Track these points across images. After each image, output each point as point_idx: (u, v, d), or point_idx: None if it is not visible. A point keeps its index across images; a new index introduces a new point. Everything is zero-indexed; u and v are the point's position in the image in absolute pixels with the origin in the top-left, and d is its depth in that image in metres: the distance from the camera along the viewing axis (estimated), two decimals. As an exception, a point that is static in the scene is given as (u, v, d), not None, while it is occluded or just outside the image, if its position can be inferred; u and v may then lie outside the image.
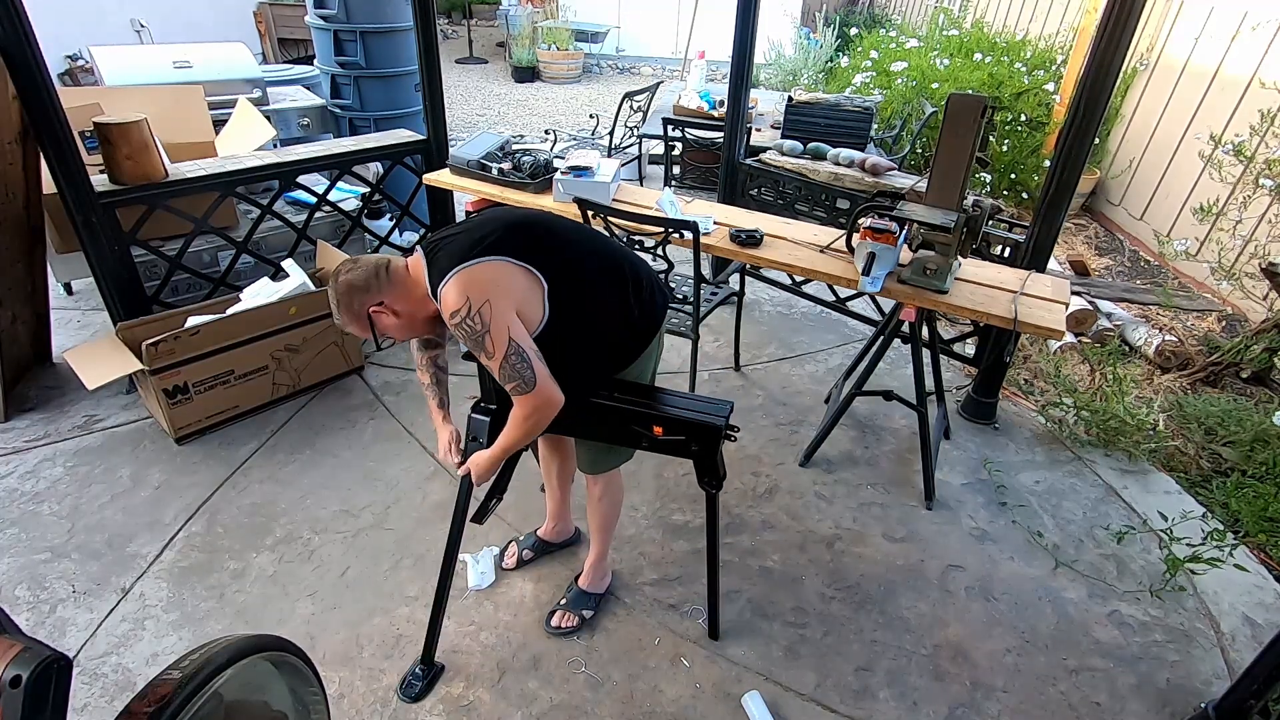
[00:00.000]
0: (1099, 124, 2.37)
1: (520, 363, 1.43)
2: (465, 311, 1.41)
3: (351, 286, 1.53)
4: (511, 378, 1.45)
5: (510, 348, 1.42)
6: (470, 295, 1.41)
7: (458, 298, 1.42)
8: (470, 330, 1.42)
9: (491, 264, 1.45)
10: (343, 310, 1.55)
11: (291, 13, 8.40)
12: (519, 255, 1.48)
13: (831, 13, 9.63)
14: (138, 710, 0.84)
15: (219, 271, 3.10)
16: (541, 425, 1.54)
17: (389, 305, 1.55)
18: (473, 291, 1.41)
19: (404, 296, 1.56)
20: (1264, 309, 3.71)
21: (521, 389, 1.46)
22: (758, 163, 3.58)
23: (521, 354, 1.43)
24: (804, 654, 1.99)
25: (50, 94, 2.30)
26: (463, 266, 1.43)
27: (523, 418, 1.52)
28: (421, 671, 1.86)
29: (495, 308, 1.41)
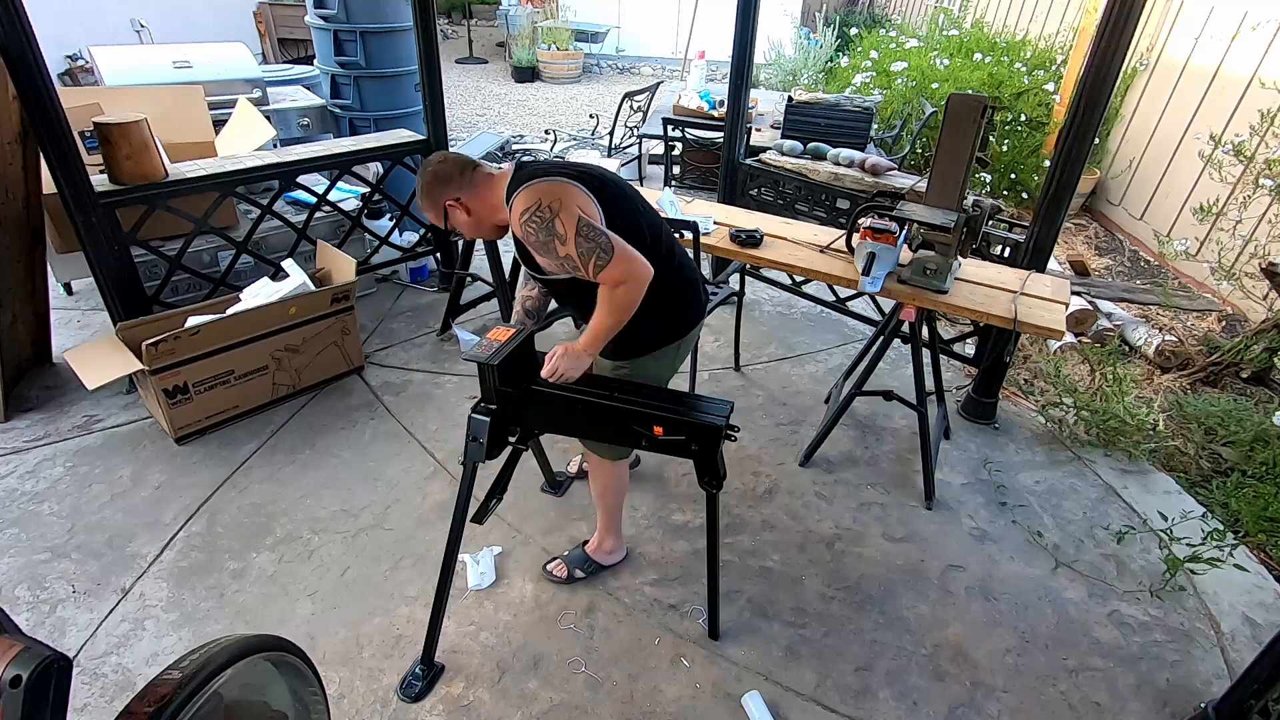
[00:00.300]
0: (1099, 124, 2.37)
1: (593, 233, 1.51)
2: (535, 206, 1.52)
3: (437, 177, 1.67)
4: (590, 252, 1.51)
5: (581, 222, 1.51)
6: (541, 197, 1.53)
7: (530, 199, 1.53)
8: (540, 221, 1.51)
9: (567, 184, 1.56)
10: (424, 197, 1.69)
11: (291, 13, 8.40)
12: (593, 192, 1.58)
13: (831, 13, 9.63)
14: (138, 710, 0.84)
15: (219, 271, 3.10)
16: (633, 297, 1.57)
17: (465, 203, 1.67)
18: (544, 195, 1.53)
19: (480, 199, 1.68)
20: (1264, 309, 3.71)
21: (602, 259, 1.52)
22: (758, 163, 3.58)
23: (593, 227, 1.52)
24: (804, 654, 1.99)
25: (50, 94, 2.30)
26: (541, 180, 1.55)
27: (611, 293, 1.57)
28: (421, 671, 1.86)
29: (564, 201, 1.52)
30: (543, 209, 1.53)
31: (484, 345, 1.69)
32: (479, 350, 1.68)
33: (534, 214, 1.53)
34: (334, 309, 2.90)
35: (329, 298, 2.87)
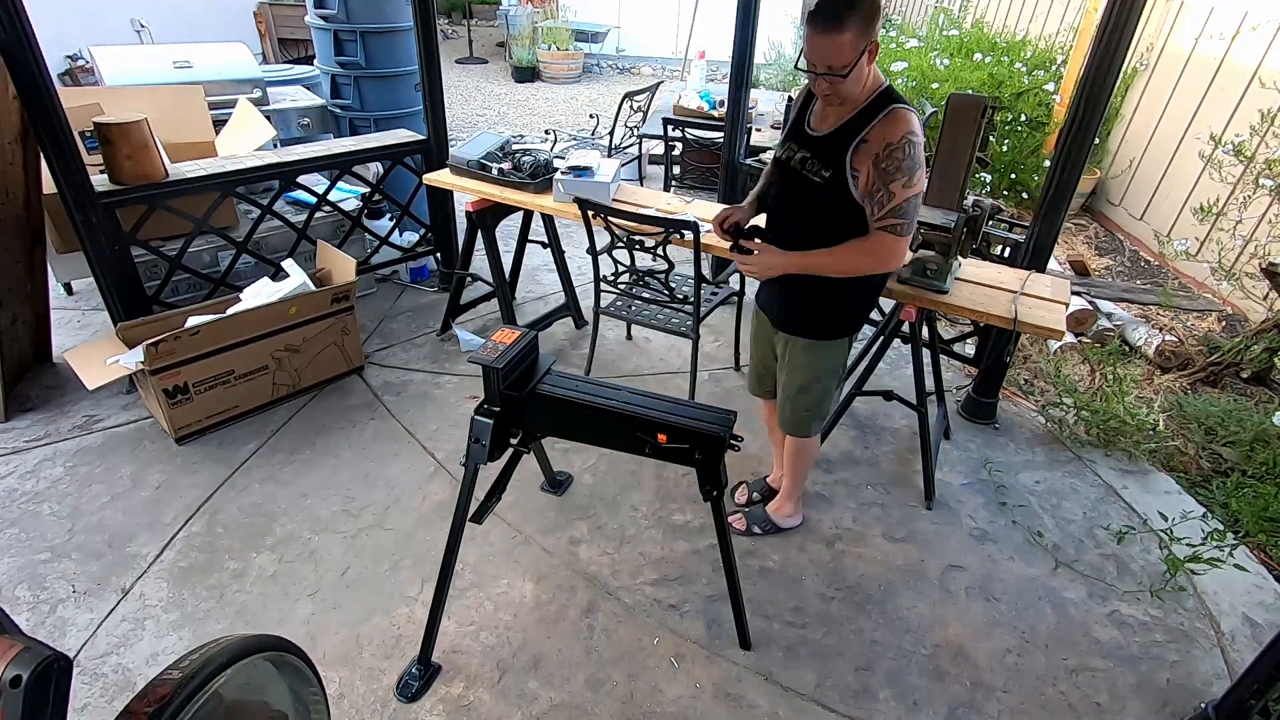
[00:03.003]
0: (1099, 124, 2.37)
1: (912, 209, 1.61)
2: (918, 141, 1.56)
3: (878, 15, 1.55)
4: (907, 214, 1.61)
5: (918, 193, 1.60)
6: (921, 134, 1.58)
7: (916, 126, 1.57)
8: (910, 155, 1.55)
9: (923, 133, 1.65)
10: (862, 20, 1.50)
11: (291, 13, 8.40)
12: None
13: (831, 13, 9.61)
14: (138, 710, 0.84)
15: (219, 271, 3.10)
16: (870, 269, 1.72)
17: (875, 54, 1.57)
18: (916, 139, 1.57)
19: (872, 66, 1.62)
20: (1264, 309, 3.71)
21: (904, 230, 1.62)
22: (758, 163, 3.57)
23: (917, 205, 1.63)
24: (804, 654, 1.99)
25: (50, 94, 2.30)
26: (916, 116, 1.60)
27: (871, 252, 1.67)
28: (419, 671, 1.86)
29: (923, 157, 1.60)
30: (918, 148, 1.55)
31: (489, 348, 1.69)
32: (484, 353, 1.68)
33: (913, 143, 1.56)
34: (334, 309, 2.90)
35: (329, 298, 2.87)
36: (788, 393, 2.03)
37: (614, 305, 2.96)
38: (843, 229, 1.71)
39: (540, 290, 3.96)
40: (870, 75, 1.61)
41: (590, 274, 2.84)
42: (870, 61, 1.56)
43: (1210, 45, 4.52)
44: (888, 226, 1.62)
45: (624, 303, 2.96)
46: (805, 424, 2.07)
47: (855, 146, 1.62)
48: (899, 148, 1.57)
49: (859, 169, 1.63)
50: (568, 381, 1.78)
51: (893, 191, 1.58)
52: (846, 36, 1.50)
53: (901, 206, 1.60)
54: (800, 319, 1.93)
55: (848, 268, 1.72)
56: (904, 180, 1.57)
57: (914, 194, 1.59)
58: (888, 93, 1.62)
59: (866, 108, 1.62)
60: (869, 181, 1.62)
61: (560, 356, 3.36)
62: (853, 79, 1.56)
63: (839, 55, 1.51)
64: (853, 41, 1.50)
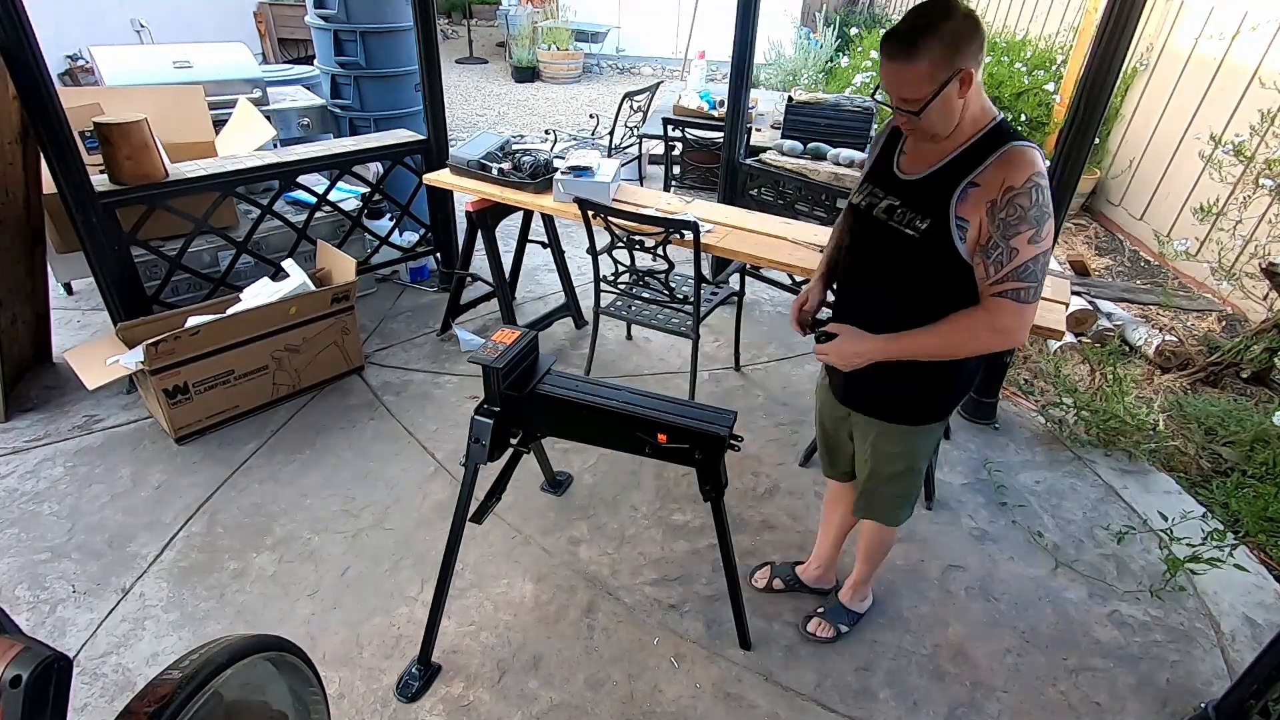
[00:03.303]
0: (1099, 124, 2.37)
1: (1040, 269, 1.31)
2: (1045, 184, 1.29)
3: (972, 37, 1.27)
4: (1034, 276, 1.30)
5: (1047, 249, 1.31)
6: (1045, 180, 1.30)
7: (1041, 167, 1.30)
8: (1037, 202, 1.27)
9: None
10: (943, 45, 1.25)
11: (291, 13, 8.40)
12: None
13: (831, 13, 9.62)
14: (138, 710, 0.84)
15: (219, 271, 3.10)
16: (989, 349, 1.39)
17: (971, 83, 1.29)
18: (1044, 182, 1.30)
19: (976, 97, 1.34)
20: (1264, 309, 3.71)
21: (1029, 295, 1.31)
22: (758, 163, 3.58)
23: (1047, 263, 1.33)
24: (803, 654, 1.99)
25: (50, 94, 2.30)
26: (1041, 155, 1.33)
27: (994, 329, 1.34)
28: (419, 671, 1.86)
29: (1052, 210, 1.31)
30: (1043, 193, 1.28)
31: (489, 348, 1.69)
32: (484, 353, 1.68)
33: (1040, 187, 1.28)
34: (334, 309, 2.90)
35: (329, 298, 2.87)
36: (875, 482, 1.73)
37: (614, 305, 2.96)
38: (943, 296, 1.39)
39: (540, 290, 3.96)
40: (969, 107, 1.33)
41: (590, 274, 2.84)
42: (964, 93, 1.29)
43: (1210, 45, 4.52)
44: (1009, 292, 1.30)
45: (624, 303, 2.96)
46: (894, 513, 1.78)
47: (963, 191, 1.33)
48: (1024, 193, 1.27)
49: (968, 219, 1.33)
50: (568, 381, 1.78)
51: (1015, 248, 1.28)
52: (922, 66, 1.26)
53: (1027, 266, 1.29)
54: (889, 405, 1.61)
55: (959, 348, 1.40)
56: (1030, 233, 1.27)
57: (1042, 250, 1.30)
58: (1000, 128, 1.35)
59: (974, 145, 1.34)
60: (982, 235, 1.32)
61: (560, 356, 3.36)
62: (936, 114, 1.31)
63: (912, 87, 1.29)
64: (929, 72, 1.26)
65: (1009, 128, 1.36)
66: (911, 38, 1.26)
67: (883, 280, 1.48)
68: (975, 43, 1.27)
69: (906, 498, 1.75)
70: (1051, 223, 1.30)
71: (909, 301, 1.44)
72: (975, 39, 1.27)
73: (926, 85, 1.28)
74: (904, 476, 1.70)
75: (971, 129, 1.35)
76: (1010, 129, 1.36)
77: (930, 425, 1.62)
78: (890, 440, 1.64)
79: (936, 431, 1.67)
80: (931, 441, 1.69)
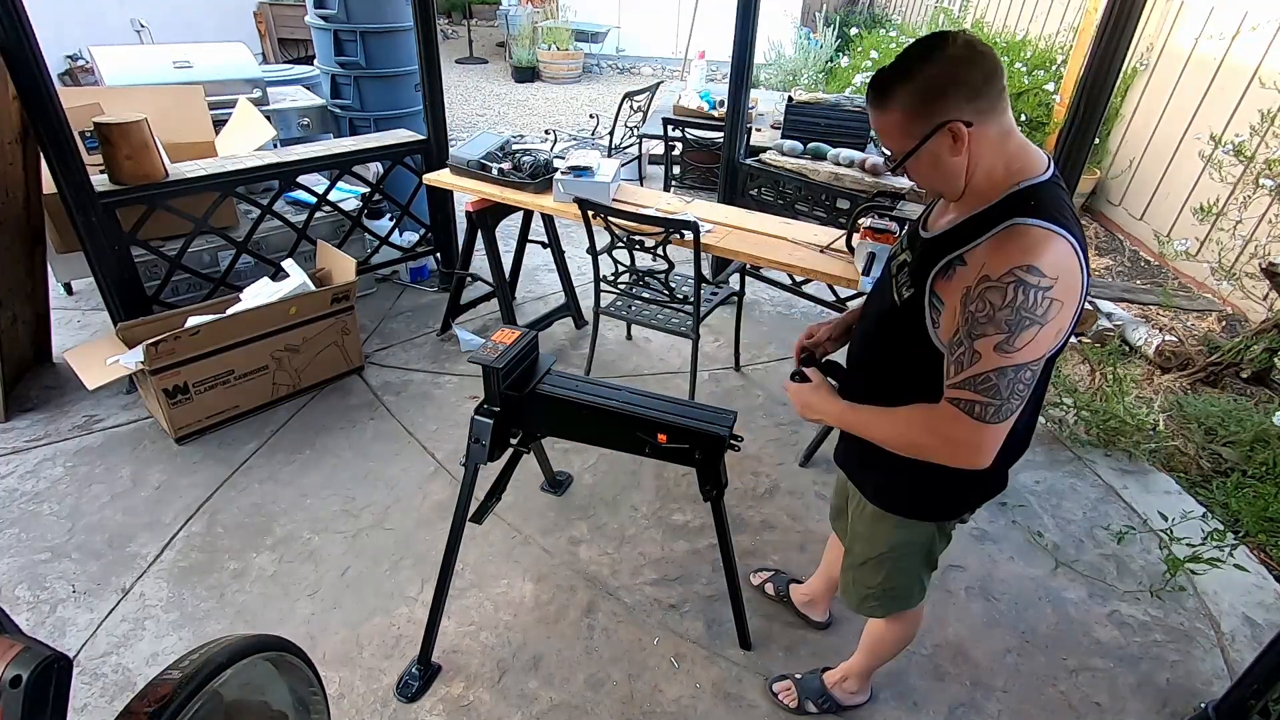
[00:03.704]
0: (1099, 124, 2.37)
1: (1026, 386, 1.05)
2: (1043, 284, 1.00)
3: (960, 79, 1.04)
4: (995, 393, 1.03)
5: (1037, 364, 1.04)
6: (1060, 275, 1.00)
7: (1049, 258, 1.00)
8: (1024, 302, 1.00)
9: (1082, 275, 1.04)
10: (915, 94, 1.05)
11: (291, 13, 8.40)
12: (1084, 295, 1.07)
13: (831, 13, 9.62)
14: (138, 710, 0.84)
15: (219, 271, 3.10)
16: (937, 458, 1.13)
17: (973, 135, 1.05)
18: (1062, 274, 1.01)
19: (986, 152, 1.08)
20: (1264, 309, 3.71)
21: (987, 413, 1.05)
22: (758, 163, 3.58)
23: (1033, 380, 1.06)
24: (803, 654, 1.99)
25: (50, 94, 2.30)
26: (1072, 239, 1.03)
27: (937, 434, 1.11)
28: (419, 671, 1.86)
29: (1061, 313, 1.02)
30: (1039, 292, 1.00)
31: (489, 348, 1.69)
32: (484, 353, 1.68)
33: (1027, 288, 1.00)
34: (334, 309, 2.90)
35: (329, 298, 2.87)
36: (850, 560, 1.55)
37: (614, 305, 2.96)
38: (912, 379, 1.18)
39: (540, 290, 3.96)
40: (980, 165, 1.08)
41: (590, 274, 2.84)
42: (959, 149, 1.06)
43: (1210, 45, 4.52)
44: (962, 402, 1.06)
45: (624, 303, 2.96)
46: (866, 604, 1.55)
47: (948, 265, 1.10)
48: (997, 287, 1.01)
49: (944, 300, 1.10)
50: (568, 381, 1.78)
51: (978, 352, 1.03)
52: (894, 116, 1.08)
53: (988, 378, 1.03)
54: (870, 479, 1.41)
55: (901, 442, 1.17)
56: (998, 339, 1.01)
57: (1011, 364, 1.02)
58: (1017, 196, 1.07)
59: (987, 212, 1.09)
60: (952, 325, 1.09)
61: (560, 356, 3.36)
62: (924, 172, 1.12)
63: (889, 138, 1.11)
64: (902, 123, 1.07)
65: (1032, 196, 1.06)
66: (886, 82, 1.07)
67: (870, 341, 1.33)
68: (967, 88, 1.03)
69: (882, 593, 1.51)
70: (1037, 331, 1.01)
71: (885, 372, 1.27)
72: (969, 84, 1.03)
73: (902, 138, 1.09)
74: (876, 567, 1.47)
75: (991, 191, 1.09)
76: (1033, 198, 1.06)
77: (912, 521, 1.38)
78: (864, 520, 1.46)
79: (921, 531, 1.41)
80: (914, 540, 1.42)
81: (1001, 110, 1.07)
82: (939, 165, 1.09)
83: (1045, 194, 1.07)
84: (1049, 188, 1.08)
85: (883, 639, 1.67)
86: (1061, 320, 1.02)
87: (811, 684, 1.85)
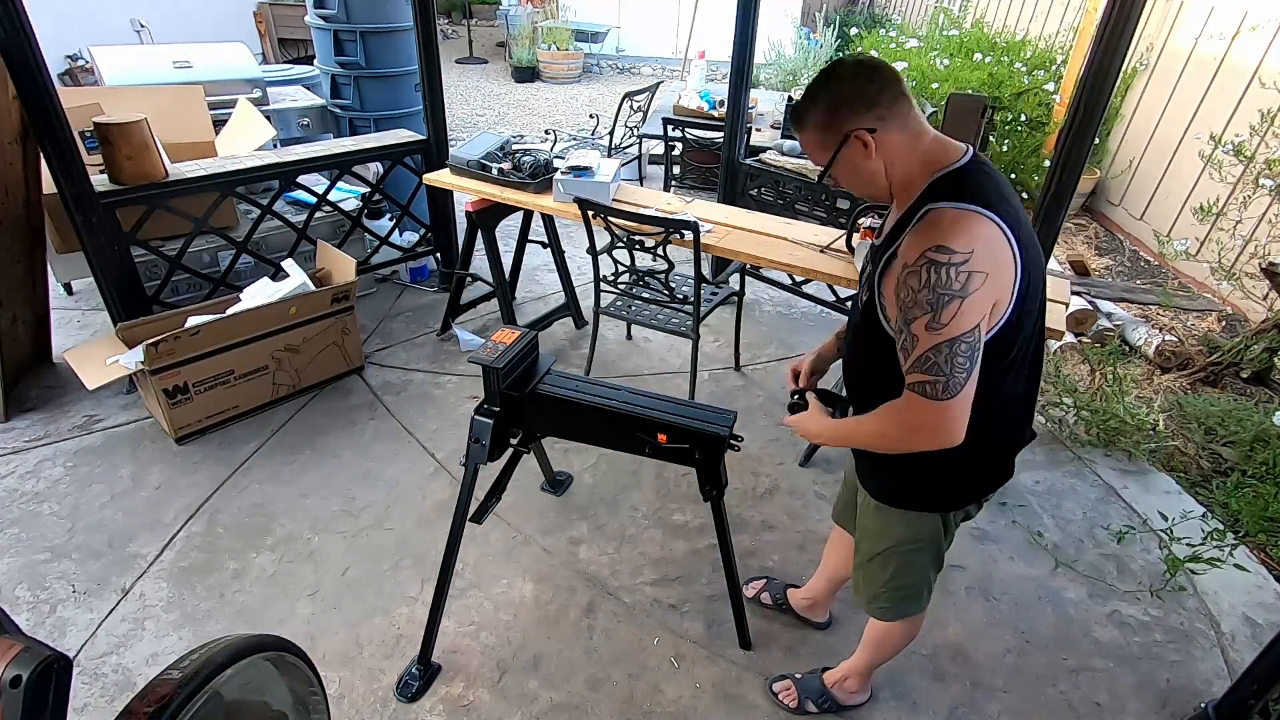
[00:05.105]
0: (1099, 124, 2.37)
1: (966, 358, 1.08)
2: (955, 259, 1.06)
3: (856, 93, 1.16)
4: (938, 370, 1.09)
5: (971, 334, 1.08)
6: (975, 246, 1.06)
7: (960, 235, 1.07)
8: (939, 280, 1.06)
9: (1010, 244, 1.09)
10: (821, 111, 1.19)
11: (291, 13, 8.39)
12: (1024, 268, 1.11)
13: (831, 13, 9.62)
14: (138, 710, 0.84)
15: (219, 271, 3.10)
16: (910, 448, 1.18)
17: (879, 140, 1.16)
18: (978, 246, 1.07)
19: (898, 152, 1.18)
20: (1264, 309, 3.71)
21: (936, 390, 1.09)
22: (758, 163, 3.58)
23: (975, 349, 1.09)
24: (803, 654, 1.99)
25: (50, 94, 2.30)
26: (987, 213, 1.08)
27: (903, 424, 1.16)
28: (419, 671, 1.86)
29: (983, 289, 1.07)
30: (956, 269, 1.06)
31: (489, 348, 1.69)
32: (484, 353, 1.68)
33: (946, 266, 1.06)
34: (334, 309, 2.90)
35: (329, 298, 2.87)
36: (860, 558, 1.57)
37: (614, 305, 2.96)
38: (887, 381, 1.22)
39: (540, 290, 3.96)
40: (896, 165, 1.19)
41: (590, 274, 2.84)
42: (870, 154, 1.17)
43: (1210, 45, 4.52)
44: (915, 385, 1.12)
45: (624, 303, 2.96)
46: (876, 603, 1.58)
47: (888, 262, 1.17)
48: (914, 271, 1.09)
49: (887, 296, 1.18)
50: (568, 381, 1.78)
51: (915, 334, 1.10)
52: (810, 135, 1.22)
53: (927, 357, 1.09)
54: (872, 473, 1.45)
55: (882, 441, 1.24)
56: (926, 318, 1.08)
57: (944, 339, 1.07)
58: (937, 185, 1.15)
59: (912, 206, 1.17)
60: (895, 316, 1.16)
61: (560, 356, 3.36)
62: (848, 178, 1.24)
63: (813, 154, 1.24)
64: (818, 140, 1.21)
65: (945, 183, 1.14)
66: (799, 110, 1.22)
67: (853, 352, 1.39)
68: (865, 100, 1.15)
69: (891, 590, 1.53)
70: (960, 304, 1.06)
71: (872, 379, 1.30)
72: (864, 97, 1.15)
73: (821, 152, 1.22)
74: (886, 562, 1.50)
75: (914, 187, 1.18)
76: (946, 184, 1.14)
77: (916, 513, 1.42)
78: (870, 515, 1.49)
79: (927, 526, 1.43)
80: (921, 535, 1.44)
81: (904, 113, 1.17)
82: (858, 170, 1.21)
83: (959, 178, 1.15)
84: (964, 172, 1.16)
85: (888, 634, 1.67)
86: (992, 289, 1.08)
87: (811, 684, 1.86)
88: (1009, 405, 1.27)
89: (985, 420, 1.17)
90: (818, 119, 1.20)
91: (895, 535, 1.46)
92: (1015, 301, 1.12)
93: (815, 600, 2.05)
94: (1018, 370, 1.24)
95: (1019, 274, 1.11)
